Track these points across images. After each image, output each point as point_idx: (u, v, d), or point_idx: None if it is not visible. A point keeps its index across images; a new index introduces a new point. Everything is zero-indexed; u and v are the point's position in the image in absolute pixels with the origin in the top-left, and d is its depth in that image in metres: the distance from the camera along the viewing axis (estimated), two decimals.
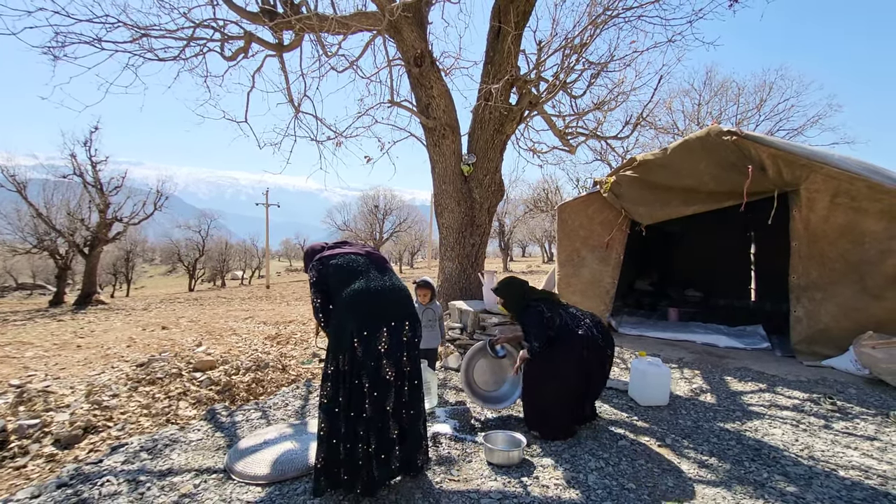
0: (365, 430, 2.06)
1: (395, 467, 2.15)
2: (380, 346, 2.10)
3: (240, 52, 6.07)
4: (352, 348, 2.07)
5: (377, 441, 2.07)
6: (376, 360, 2.08)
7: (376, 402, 2.08)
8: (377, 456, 2.07)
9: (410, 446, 2.22)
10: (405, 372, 2.19)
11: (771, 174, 4.25)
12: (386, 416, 2.11)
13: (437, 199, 5.62)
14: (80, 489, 2.34)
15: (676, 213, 4.81)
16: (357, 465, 2.05)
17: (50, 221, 16.10)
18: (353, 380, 2.08)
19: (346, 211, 38.67)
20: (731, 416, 3.23)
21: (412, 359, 2.23)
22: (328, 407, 2.15)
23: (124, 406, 4.11)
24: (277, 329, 8.95)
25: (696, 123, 18.21)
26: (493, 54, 5.22)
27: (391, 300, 2.22)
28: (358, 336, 2.07)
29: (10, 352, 7.05)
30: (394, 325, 2.15)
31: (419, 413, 2.27)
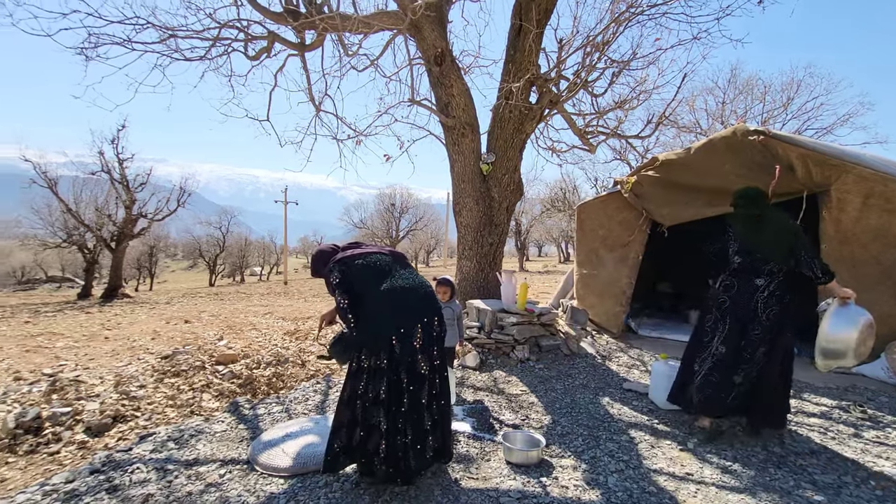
0: (403, 422, 2.14)
1: (429, 456, 2.24)
2: (415, 342, 2.18)
3: (263, 52, 6.17)
4: (390, 346, 2.15)
5: (413, 432, 2.16)
6: (412, 355, 2.17)
7: (413, 395, 2.16)
8: (413, 446, 2.15)
9: (442, 435, 2.31)
10: (435, 366, 2.26)
11: (800, 175, 4.14)
12: (421, 408, 2.19)
13: (455, 197, 5.63)
14: (111, 475, 2.42)
15: (700, 214, 4.72)
16: (397, 457, 2.13)
17: (79, 217, 16.63)
18: (392, 375, 2.15)
19: (362, 209, 39.02)
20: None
21: (440, 352, 2.30)
22: (351, 400, 2.22)
23: (151, 397, 4.23)
24: (296, 325, 9.08)
25: (720, 122, 17.81)
26: (514, 52, 5.20)
27: (421, 297, 2.29)
28: (396, 333, 2.15)
29: (43, 342, 7.32)
30: (426, 321, 2.22)
31: (448, 404, 2.35)
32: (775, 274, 2.74)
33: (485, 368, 4.23)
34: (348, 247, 2.51)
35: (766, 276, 2.74)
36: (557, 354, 4.57)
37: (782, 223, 2.78)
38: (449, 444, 2.37)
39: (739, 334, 2.76)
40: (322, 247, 2.58)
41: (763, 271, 2.75)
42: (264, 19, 5.68)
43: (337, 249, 2.52)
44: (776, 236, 2.73)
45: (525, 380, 3.99)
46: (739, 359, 2.75)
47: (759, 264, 2.76)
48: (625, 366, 4.47)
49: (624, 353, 4.78)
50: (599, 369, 4.31)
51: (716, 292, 2.90)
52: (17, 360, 6.01)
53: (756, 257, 2.77)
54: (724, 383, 2.76)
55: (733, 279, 2.83)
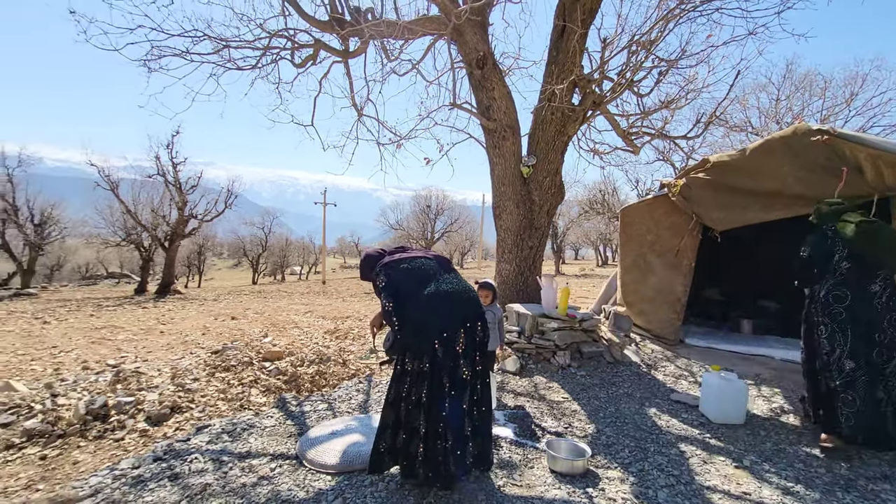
0: (443, 427, 2.15)
1: (469, 462, 2.23)
2: (458, 347, 2.18)
3: (308, 60, 6.38)
4: (433, 350, 2.16)
5: (454, 437, 2.16)
6: (454, 360, 2.17)
7: (454, 400, 2.17)
8: (454, 452, 2.15)
9: (483, 442, 2.30)
10: (478, 371, 2.25)
11: (869, 177, 3.85)
12: (462, 413, 2.19)
13: (495, 200, 5.61)
14: (172, 464, 2.57)
15: (755, 218, 4.48)
16: (437, 461, 2.14)
17: (137, 217, 17.75)
18: (435, 379, 2.17)
19: (398, 210, 39.54)
20: (819, 440, 2.97)
21: (483, 358, 2.29)
22: (395, 402, 2.25)
23: (204, 390, 4.45)
24: (335, 324, 9.31)
25: (774, 121, 16.86)
26: (557, 53, 5.13)
27: (465, 301, 2.29)
28: (439, 338, 2.16)
29: (106, 334, 7.86)
30: (469, 326, 2.22)
31: (490, 409, 2.34)
32: (888, 280, 2.67)
33: (525, 373, 4.19)
34: (395, 251, 2.56)
35: (881, 283, 2.67)
36: (600, 362, 4.45)
37: (893, 230, 2.83)
38: (489, 452, 2.36)
39: (867, 345, 2.65)
40: (369, 251, 2.63)
41: (877, 277, 2.68)
42: (311, 28, 5.88)
43: (383, 254, 2.57)
44: (891, 243, 2.72)
45: (566, 386, 3.92)
46: (875, 371, 2.64)
47: (873, 270, 2.70)
48: (672, 376, 4.30)
49: (670, 363, 4.60)
50: (645, 379, 4.17)
51: (825, 302, 2.78)
52: (85, 351, 6.48)
53: (867, 263, 2.70)
54: (868, 404, 2.64)
55: (844, 288, 2.73)
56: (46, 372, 5.36)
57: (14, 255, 18.83)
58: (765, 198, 4.39)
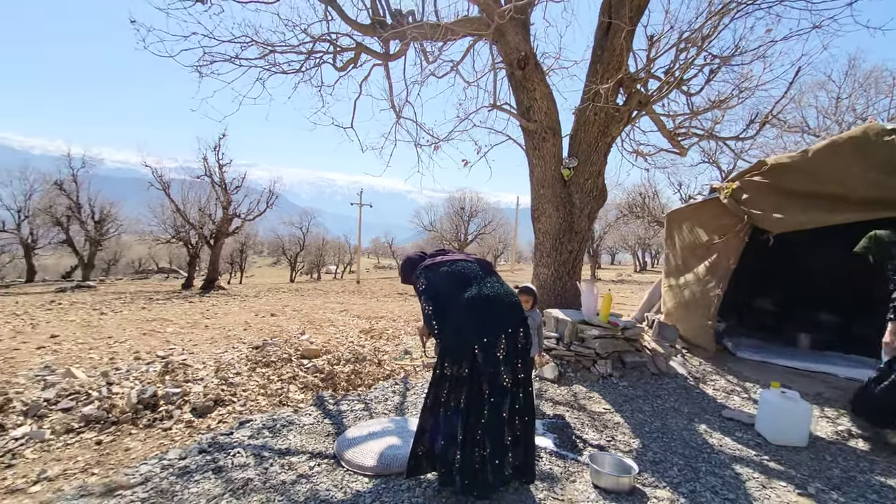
0: (482, 434, 2.09)
1: (508, 473, 2.16)
2: (498, 353, 2.12)
3: (350, 63, 6.49)
4: (472, 355, 2.11)
5: (492, 446, 2.10)
6: (495, 366, 2.10)
7: (493, 407, 2.11)
8: (492, 461, 2.09)
9: (524, 453, 2.22)
10: (519, 379, 2.18)
11: None
12: (502, 421, 2.13)
13: (534, 203, 5.49)
14: (216, 457, 2.64)
15: (816, 221, 4.16)
16: (474, 469, 2.08)
17: (186, 216, 18.66)
18: (474, 385, 2.12)
19: (432, 212, 39.73)
20: (894, 469, 2.70)
21: (525, 365, 2.21)
22: (433, 407, 2.21)
23: (245, 384, 4.58)
24: (370, 323, 9.41)
25: (835, 121, 15.78)
26: (602, 52, 4.97)
27: (507, 305, 2.22)
28: (479, 343, 2.10)
29: (156, 327, 8.28)
30: (510, 332, 2.15)
31: (532, 420, 2.25)
32: None
33: (563, 381, 4.06)
34: (436, 254, 2.52)
35: None
36: (643, 372, 4.26)
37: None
38: (531, 463, 2.27)
39: None
40: (410, 254, 2.61)
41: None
42: (353, 32, 5.97)
43: (424, 256, 2.54)
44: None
45: (608, 397, 3.77)
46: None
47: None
48: (722, 391, 4.05)
49: (720, 377, 4.34)
50: (692, 392, 3.95)
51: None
52: (137, 342, 6.84)
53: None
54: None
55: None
56: (102, 360, 5.68)
57: (77, 250, 20.22)
58: (828, 201, 4.07)
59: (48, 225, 20.73)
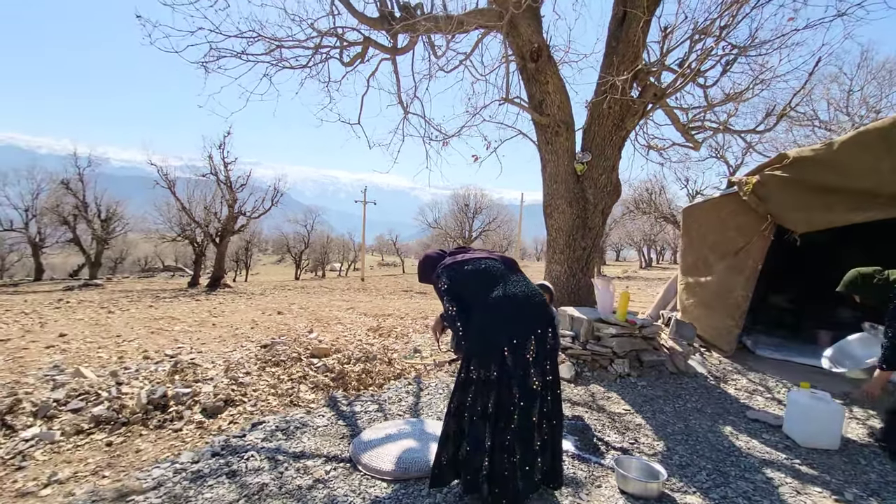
0: (511, 440, 2.00)
1: (537, 479, 2.08)
2: (528, 355, 2.02)
3: (357, 58, 6.39)
4: (502, 357, 2.01)
5: (522, 451, 2.01)
6: (525, 368, 2.01)
7: (524, 411, 2.02)
8: (522, 467, 2.00)
9: (552, 457, 2.14)
10: (548, 381, 2.09)
11: None
12: (532, 426, 2.04)
13: (546, 199, 5.38)
14: (230, 460, 2.57)
15: (842, 220, 4.03)
16: (503, 476, 2.00)
17: (191, 214, 18.66)
18: (503, 389, 2.02)
19: (437, 209, 39.64)
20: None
21: (553, 367, 2.12)
22: (458, 411, 2.13)
23: (255, 384, 4.52)
24: (377, 321, 9.35)
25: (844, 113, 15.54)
26: (617, 43, 4.84)
27: (535, 305, 2.12)
28: (508, 345, 2.01)
29: (164, 325, 8.25)
30: (540, 333, 2.06)
31: (560, 423, 2.17)
32: None
33: (580, 381, 3.97)
34: (456, 251, 2.43)
35: None
36: (661, 371, 4.16)
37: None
38: (559, 468, 2.19)
39: None
40: (429, 252, 2.51)
41: None
42: (360, 25, 5.87)
43: (444, 254, 2.44)
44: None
45: (627, 397, 3.68)
46: None
47: None
48: (744, 391, 3.95)
49: (742, 376, 4.24)
50: (714, 392, 3.85)
51: None
52: (145, 341, 6.80)
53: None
54: None
55: None
56: (111, 360, 5.64)
57: (84, 248, 20.28)
58: (855, 197, 3.94)
59: (55, 224, 20.80)
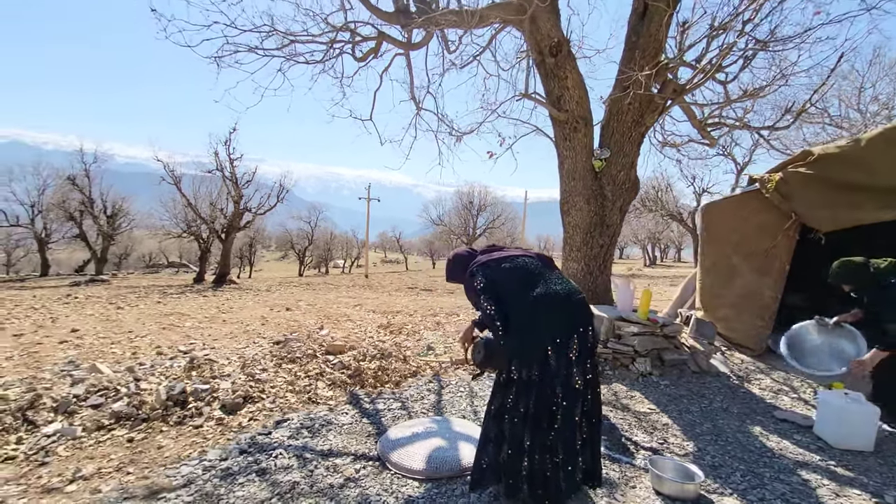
0: (553, 440, 1.97)
1: (578, 478, 2.05)
2: (571, 354, 1.98)
3: (370, 53, 6.33)
4: (545, 357, 1.97)
5: (564, 451, 1.98)
6: (568, 368, 1.97)
7: (566, 411, 1.98)
8: (564, 467, 1.97)
9: (591, 456, 2.11)
10: (588, 380, 2.06)
11: None
12: (574, 425, 2.00)
13: (563, 196, 5.33)
14: (258, 458, 2.54)
15: (870, 218, 3.98)
16: (545, 477, 1.96)
17: (197, 211, 18.66)
18: (546, 389, 1.98)
19: (440, 206, 39.60)
20: None
21: (593, 365, 2.09)
22: (499, 413, 2.08)
23: (273, 380, 4.50)
24: (387, 318, 9.33)
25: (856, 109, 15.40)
26: (637, 38, 4.77)
27: (576, 303, 2.08)
28: (552, 344, 1.97)
29: (175, 321, 8.24)
30: (582, 332, 2.02)
31: (600, 422, 2.14)
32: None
33: (602, 380, 3.93)
34: (488, 249, 2.38)
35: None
36: (684, 371, 4.12)
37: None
38: (599, 467, 2.15)
39: None
40: (459, 251, 2.47)
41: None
42: (374, 19, 5.80)
43: (475, 253, 2.40)
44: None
45: (651, 397, 3.64)
46: None
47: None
48: (769, 390, 3.90)
49: (766, 376, 4.19)
50: (738, 392, 3.81)
51: None
52: (158, 336, 6.79)
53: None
54: None
55: None
56: (125, 355, 5.63)
57: (89, 244, 20.32)
58: (883, 195, 3.89)
59: (61, 220, 20.85)
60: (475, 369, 2.50)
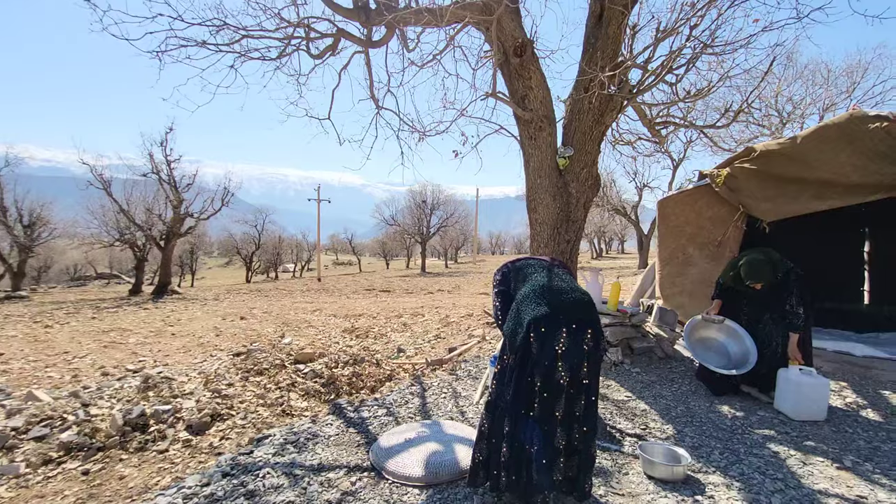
0: (530, 430, 1.97)
1: (556, 479, 1.99)
2: (557, 347, 1.96)
3: (328, 51, 6.12)
4: (527, 344, 1.97)
5: (540, 444, 1.95)
6: (551, 360, 1.95)
7: (545, 403, 1.97)
8: (538, 460, 1.94)
9: (578, 466, 2.04)
10: (582, 383, 2.01)
11: None
12: (554, 421, 1.99)
13: (530, 194, 5.43)
14: (244, 480, 2.38)
15: (806, 208, 4.39)
16: (520, 466, 1.98)
17: (131, 217, 17.26)
18: (526, 377, 1.99)
19: (393, 205, 39.22)
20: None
21: (592, 372, 2.04)
22: (493, 404, 2.12)
23: (241, 395, 4.24)
24: (350, 322, 9.11)
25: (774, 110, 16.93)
26: (595, 40, 4.95)
27: (573, 300, 2.07)
28: (535, 332, 1.96)
29: (116, 338, 7.57)
30: (575, 328, 1.98)
31: (593, 432, 2.07)
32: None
33: None
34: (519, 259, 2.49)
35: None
36: (651, 357, 4.34)
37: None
38: (585, 481, 2.05)
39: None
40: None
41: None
42: (332, 15, 5.61)
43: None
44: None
45: (625, 384, 3.80)
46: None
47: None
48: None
49: None
50: None
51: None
52: (99, 356, 6.21)
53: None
54: None
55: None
56: (64, 379, 5.11)
57: (3, 258, 18.21)
58: (817, 187, 4.29)
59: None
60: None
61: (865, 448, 2.71)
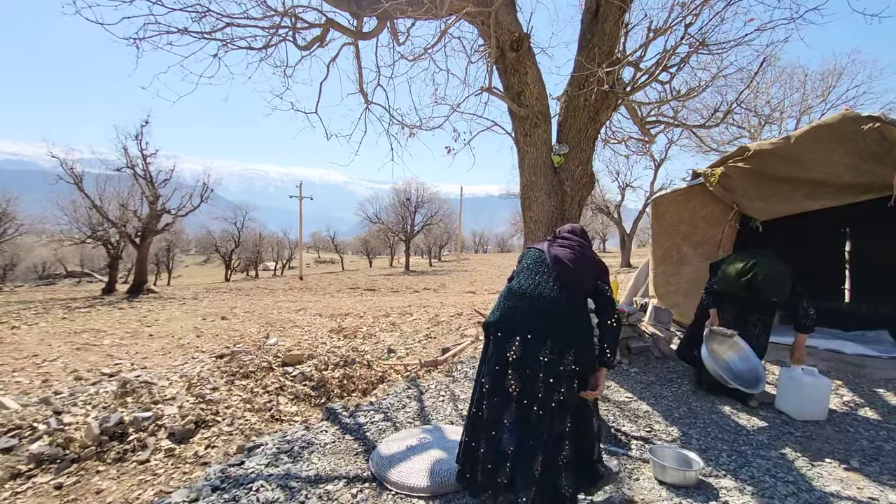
0: (475, 426, 2.01)
1: (500, 480, 1.88)
2: (508, 354, 1.90)
3: (316, 42, 5.92)
4: (486, 344, 2.03)
5: (486, 447, 1.94)
6: (501, 365, 1.92)
7: (492, 408, 1.94)
8: (484, 463, 1.94)
9: (555, 487, 1.84)
10: (538, 397, 1.85)
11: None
12: (500, 427, 1.92)
13: (525, 191, 5.35)
14: (236, 494, 2.22)
15: (799, 207, 4.42)
16: (474, 466, 2.01)
17: (104, 213, 16.59)
18: (481, 372, 2.03)
19: (377, 203, 38.84)
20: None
21: (560, 388, 1.84)
22: (470, 409, 2.12)
23: (227, 400, 4.04)
24: (336, 322, 8.90)
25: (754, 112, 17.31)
26: (592, 37, 4.89)
27: (534, 309, 1.92)
28: (493, 336, 1.99)
29: (89, 339, 7.21)
30: (529, 339, 1.87)
31: (557, 457, 1.84)
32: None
33: None
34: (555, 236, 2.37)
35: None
36: (649, 357, 4.31)
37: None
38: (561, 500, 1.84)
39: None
40: None
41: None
42: (321, 4, 5.42)
43: None
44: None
45: (625, 385, 3.75)
46: None
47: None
48: None
49: None
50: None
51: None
52: (72, 359, 5.89)
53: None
54: None
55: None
56: (34, 384, 4.81)
57: None
58: (810, 186, 4.33)
59: None
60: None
61: (869, 448, 2.71)
